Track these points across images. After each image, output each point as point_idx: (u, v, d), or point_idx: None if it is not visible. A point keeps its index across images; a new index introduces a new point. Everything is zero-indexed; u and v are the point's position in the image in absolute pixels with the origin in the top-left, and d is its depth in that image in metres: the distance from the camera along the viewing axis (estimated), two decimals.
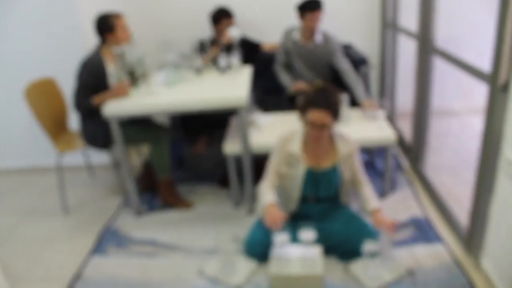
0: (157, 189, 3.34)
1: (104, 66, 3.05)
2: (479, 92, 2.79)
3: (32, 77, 3.34)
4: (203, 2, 4.19)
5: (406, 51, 3.97)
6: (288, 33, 3.72)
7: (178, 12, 4.37)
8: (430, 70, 3.15)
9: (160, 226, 3.08)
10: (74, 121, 3.50)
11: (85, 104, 3.00)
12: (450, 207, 2.89)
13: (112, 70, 3.03)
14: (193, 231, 2.99)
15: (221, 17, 3.84)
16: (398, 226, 2.45)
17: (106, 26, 3.04)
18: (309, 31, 3.55)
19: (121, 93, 2.97)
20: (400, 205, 3.08)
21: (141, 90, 3.06)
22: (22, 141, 4.04)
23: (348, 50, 4.01)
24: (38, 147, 3.96)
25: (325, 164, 2.47)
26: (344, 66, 3.58)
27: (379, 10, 4.27)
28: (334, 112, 2.29)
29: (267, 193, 2.46)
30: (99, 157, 3.97)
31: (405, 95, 4.06)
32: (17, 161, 4.14)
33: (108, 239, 2.98)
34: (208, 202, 3.33)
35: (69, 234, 3.13)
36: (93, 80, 3.00)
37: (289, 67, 3.84)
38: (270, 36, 4.25)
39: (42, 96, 3.30)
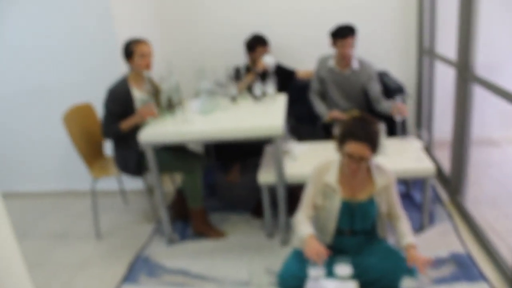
0: (189, 217, 3.32)
1: (130, 93, 3.09)
2: None
3: (69, 103, 3.42)
4: (238, 29, 4.23)
5: (444, 78, 3.89)
6: (323, 61, 3.70)
7: (213, 40, 4.42)
8: (470, 98, 3.06)
9: (192, 255, 3.05)
10: (109, 147, 3.54)
11: (113, 131, 3.04)
12: (493, 243, 2.76)
13: (138, 95, 3.06)
14: (226, 262, 2.95)
15: (256, 44, 3.85)
16: (433, 264, 2.34)
17: (126, 51, 3.10)
18: (342, 58, 3.53)
19: (147, 114, 2.98)
20: (439, 240, 2.97)
21: (176, 117, 3.07)
22: (59, 165, 4.12)
23: (384, 78, 3.95)
24: (74, 171, 4.02)
25: (362, 196, 2.40)
26: (377, 92, 3.56)
27: (416, 36, 4.21)
28: (373, 144, 2.23)
29: (304, 224, 2.40)
30: (133, 183, 4.00)
31: (443, 124, 3.96)
32: (53, 184, 4.22)
33: (139, 267, 2.96)
34: (241, 232, 3.29)
35: (101, 260, 3.13)
36: (119, 107, 3.05)
37: (323, 96, 3.81)
38: (304, 64, 4.24)
39: (79, 121, 3.36)
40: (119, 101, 3.05)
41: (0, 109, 4.02)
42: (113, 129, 3.04)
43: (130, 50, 3.08)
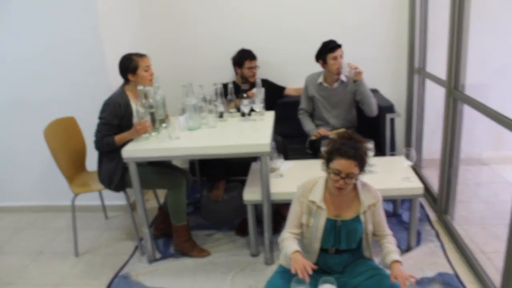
0: (172, 235, 3.24)
1: (129, 106, 3.04)
2: (511, 140, 2.67)
3: (53, 117, 3.35)
4: (226, 45, 4.21)
5: (434, 98, 3.88)
6: (311, 78, 3.70)
7: (201, 56, 4.40)
8: (459, 118, 3.05)
9: (173, 273, 2.97)
10: (92, 161, 3.47)
11: (106, 143, 2.97)
12: (481, 263, 2.71)
13: (136, 109, 3.01)
14: (208, 281, 2.86)
15: (243, 59, 3.84)
16: (420, 284, 2.28)
17: (129, 66, 3.04)
18: (335, 74, 3.53)
19: (142, 132, 2.93)
20: (426, 259, 2.91)
21: (162, 133, 3.02)
22: (39, 180, 4.03)
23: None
24: (54, 187, 3.94)
25: (348, 215, 2.35)
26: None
27: (407, 55, 4.21)
28: (361, 162, 2.19)
29: (290, 241, 2.34)
30: (115, 199, 3.91)
31: (432, 143, 3.94)
32: (31, 200, 4.12)
33: (118, 286, 2.87)
34: (224, 250, 3.21)
35: (79, 279, 3.03)
36: (116, 119, 2.99)
37: (312, 115, 3.79)
38: (293, 81, 4.22)
39: (61, 135, 3.30)
40: (118, 113, 2.99)
41: None
42: (107, 141, 2.97)
43: (135, 64, 3.04)
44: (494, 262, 2.73)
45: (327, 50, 3.50)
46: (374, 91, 4.09)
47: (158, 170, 3.19)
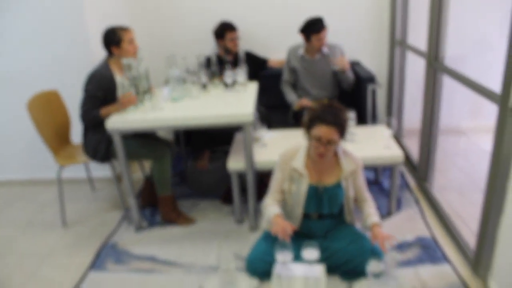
0: (158, 204, 3.29)
1: (113, 78, 3.04)
2: (489, 110, 2.75)
3: (36, 90, 3.34)
4: (209, 17, 4.20)
5: (415, 68, 3.95)
6: (293, 50, 3.72)
7: (184, 27, 4.38)
8: (439, 89, 3.11)
9: (160, 242, 3.03)
10: (76, 134, 3.48)
11: (92, 115, 2.98)
12: (457, 227, 2.82)
13: (121, 82, 3.01)
14: (194, 248, 2.93)
15: (224, 31, 3.85)
16: (399, 247, 2.39)
17: (113, 39, 3.03)
18: (316, 49, 3.57)
19: (128, 104, 2.94)
20: (406, 225, 3.01)
21: (145, 104, 3.03)
22: (24, 153, 4.02)
23: (355, 67, 3.98)
24: (40, 160, 3.94)
25: (329, 181, 2.42)
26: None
27: (388, 27, 4.25)
28: (341, 128, 2.26)
29: (272, 206, 2.42)
30: (101, 170, 3.94)
31: (413, 112, 4.02)
32: (18, 174, 4.12)
33: (107, 255, 2.92)
34: (210, 219, 3.28)
35: (67, 249, 3.07)
36: (101, 92, 2.99)
37: (295, 86, 3.83)
38: (275, 52, 4.24)
39: (44, 108, 3.29)
40: (102, 86, 2.99)
41: None
42: (93, 114, 2.98)
43: (119, 37, 3.03)
44: (470, 225, 2.84)
45: (312, 30, 3.51)
46: (356, 63, 4.14)
47: (142, 142, 3.21)
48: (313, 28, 3.49)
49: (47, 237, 3.23)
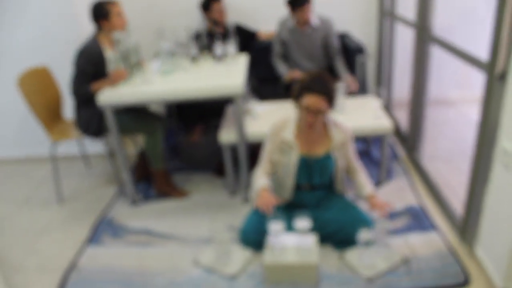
0: (152, 179, 3.33)
1: (102, 53, 3.02)
2: (476, 81, 2.78)
3: (26, 66, 3.32)
4: None
5: (404, 40, 3.96)
6: (283, 23, 3.70)
7: (173, 1, 4.32)
8: (428, 59, 3.13)
9: (155, 215, 3.08)
10: (68, 110, 3.47)
11: (83, 91, 2.98)
12: (446, 196, 2.89)
13: (111, 57, 3.00)
14: (189, 220, 2.98)
15: (210, 2, 3.82)
16: (392, 209, 2.46)
17: (101, 13, 3.01)
18: (302, 22, 3.55)
19: (119, 79, 2.94)
20: (396, 194, 3.08)
21: (136, 78, 3.03)
22: (16, 130, 4.02)
23: (344, 39, 3.98)
24: (32, 137, 3.94)
25: (319, 152, 2.46)
26: (334, 46, 3.69)
27: None
28: (330, 98, 2.28)
29: (260, 178, 2.46)
30: (94, 147, 3.95)
31: (402, 84, 4.05)
32: (11, 151, 4.12)
33: (103, 229, 2.97)
34: (203, 191, 3.32)
35: (64, 224, 3.11)
36: (91, 67, 2.98)
37: (286, 58, 3.82)
38: (265, 24, 4.22)
39: (35, 85, 3.27)
40: (92, 61, 2.98)
41: None
42: (84, 89, 2.97)
43: (106, 10, 3.00)
44: (458, 194, 2.90)
45: (295, 3, 3.47)
46: (345, 34, 4.14)
47: (134, 116, 3.22)
48: (295, 2, 3.46)
49: (43, 213, 3.27)
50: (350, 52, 3.71)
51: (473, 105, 3.54)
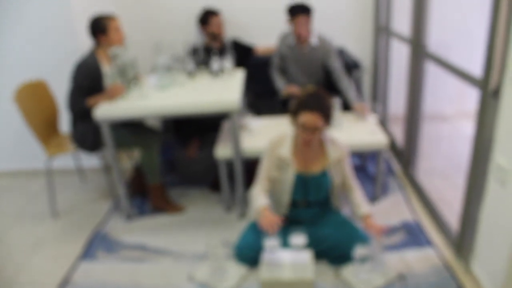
0: (147, 193, 3.31)
1: (100, 68, 3.03)
2: (471, 96, 2.79)
3: (23, 80, 3.32)
4: (195, 3, 4.17)
5: (399, 55, 3.98)
6: (283, 38, 3.71)
7: (170, 14, 4.35)
8: (422, 75, 3.15)
9: (150, 230, 3.06)
10: (65, 124, 3.47)
11: (80, 106, 2.98)
12: (441, 212, 2.89)
13: (108, 72, 3.01)
14: (184, 236, 2.96)
15: (207, 16, 3.85)
16: (388, 231, 2.46)
17: (99, 28, 3.02)
18: (297, 36, 3.53)
19: (115, 94, 2.94)
20: (391, 210, 3.08)
21: (133, 93, 3.04)
22: (12, 143, 3.99)
23: (340, 54, 4.00)
24: (28, 150, 3.91)
25: (315, 169, 2.46)
26: (337, 68, 3.57)
27: (372, 14, 4.27)
28: (326, 115, 2.29)
29: (260, 197, 2.45)
30: (90, 160, 3.94)
31: (397, 99, 4.07)
32: (6, 164, 4.10)
33: (97, 244, 2.95)
34: (199, 206, 3.31)
35: (57, 238, 3.09)
36: (88, 82, 2.98)
37: (284, 72, 3.83)
38: (262, 39, 4.24)
39: (32, 98, 3.27)
40: (90, 76, 2.99)
41: None
42: (80, 104, 2.98)
43: (104, 25, 3.01)
44: (454, 209, 2.90)
45: (291, 13, 3.47)
46: (341, 50, 4.17)
47: (130, 131, 3.22)
48: (291, 11, 3.46)
49: (37, 227, 3.24)
50: (346, 67, 3.72)
51: (468, 120, 3.56)
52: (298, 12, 3.42)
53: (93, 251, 2.87)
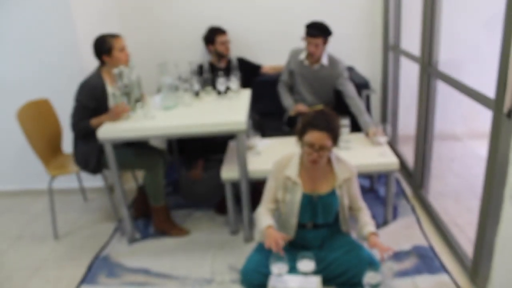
0: (151, 215, 3.24)
1: (105, 88, 3.00)
2: (483, 116, 2.72)
3: (27, 99, 3.29)
4: (201, 23, 4.14)
5: (409, 74, 3.93)
6: (294, 53, 3.67)
7: (176, 34, 4.34)
8: (433, 94, 3.09)
9: (153, 254, 2.98)
10: (68, 143, 3.42)
11: (83, 125, 2.94)
12: (454, 235, 2.79)
13: (113, 92, 2.97)
14: (188, 260, 2.88)
15: (214, 34, 3.83)
16: (396, 257, 2.35)
17: (103, 47, 3.00)
18: (310, 54, 3.50)
19: (119, 114, 2.90)
20: (403, 233, 2.98)
21: (137, 113, 2.99)
22: (14, 164, 3.96)
23: (349, 73, 3.95)
24: (29, 170, 3.87)
25: (323, 190, 2.39)
26: (350, 91, 3.50)
27: (381, 33, 4.23)
28: (334, 135, 2.23)
29: (264, 217, 2.37)
30: (93, 181, 3.88)
31: (407, 119, 4.00)
32: (7, 184, 4.06)
33: (98, 268, 2.87)
34: (204, 229, 3.23)
35: (58, 261, 3.02)
36: (93, 101, 2.95)
37: (292, 89, 3.78)
38: (268, 59, 4.21)
39: (35, 117, 3.24)
40: (94, 96, 2.95)
41: None
42: (83, 124, 2.94)
43: (109, 45, 2.99)
44: (467, 233, 2.81)
45: (306, 31, 3.45)
46: (350, 69, 4.12)
47: (135, 151, 3.18)
48: (307, 30, 3.43)
49: (38, 249, 3.18)
50: (356, 87, 3.66)
51: (481, 139, 3.47)
52: (313, 33, 3.39)
53: (94, 275, 2.80)
